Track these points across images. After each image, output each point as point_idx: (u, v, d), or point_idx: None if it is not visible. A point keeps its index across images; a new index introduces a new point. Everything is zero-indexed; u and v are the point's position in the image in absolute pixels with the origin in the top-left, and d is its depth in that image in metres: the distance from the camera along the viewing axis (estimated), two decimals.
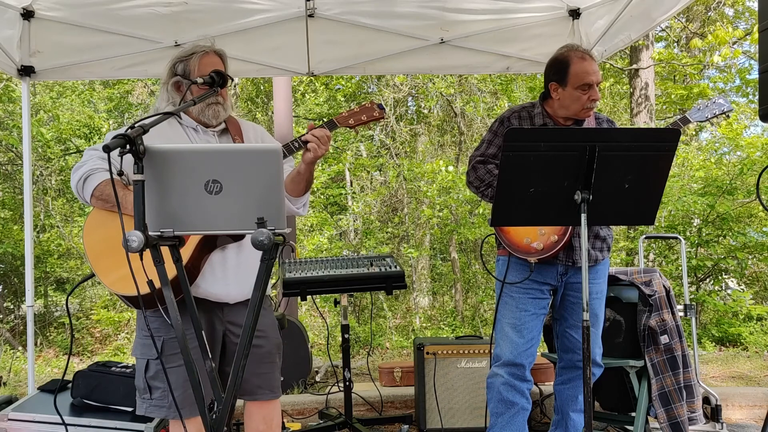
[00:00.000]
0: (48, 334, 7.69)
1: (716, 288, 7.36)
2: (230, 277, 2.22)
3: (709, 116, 2.71)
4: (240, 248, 2.22)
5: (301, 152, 2.27)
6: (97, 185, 2.15)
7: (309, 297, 3.65)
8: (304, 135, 2.22)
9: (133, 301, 2.14)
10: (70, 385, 3.17)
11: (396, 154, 10.12)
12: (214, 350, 2.26)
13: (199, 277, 2.20)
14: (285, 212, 1.69)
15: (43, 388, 3.31)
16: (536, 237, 2.66)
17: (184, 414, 2.05)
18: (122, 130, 1.70)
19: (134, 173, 1.60)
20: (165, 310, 1.85)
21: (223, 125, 2.36)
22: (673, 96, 10.62)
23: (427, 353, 3.68)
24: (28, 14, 3.66)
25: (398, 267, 3.60)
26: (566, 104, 2.66)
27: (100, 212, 2.21)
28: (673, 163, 2.33)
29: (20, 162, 7.45)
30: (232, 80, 2.39)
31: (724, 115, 2.73)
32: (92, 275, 2.17)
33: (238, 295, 2.24)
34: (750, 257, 7.46)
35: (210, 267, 2.20)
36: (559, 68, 2.64)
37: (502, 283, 2.76)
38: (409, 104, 10.55)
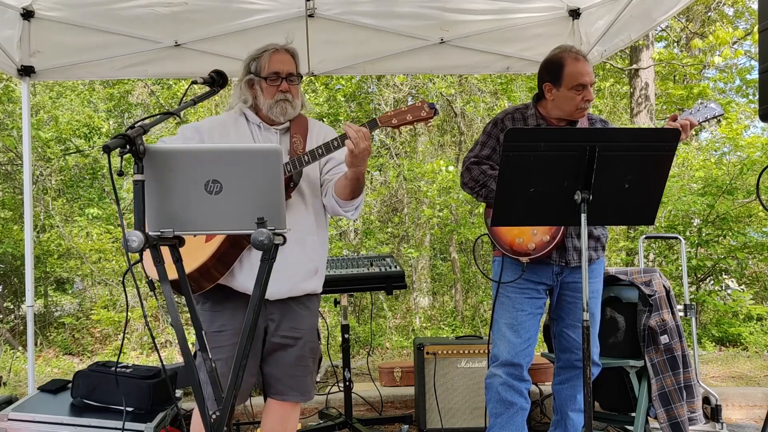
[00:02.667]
0: (48, 334, 7.68)
1: (716, 288, 7.36)
2: None
3: (701, 120, 2.71)
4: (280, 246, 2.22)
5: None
6: None
7: None
8: (339, 137, 2.20)
9: (174, 286, 2.14)
10: (70, 385, 3.17)
11: (396, 154, 10.11)
12: (255, 347, 2.26)
13: (237, 270, 2.21)
14: (285, 212, 1.69)
15: (43, 388, 3.31)
16: (529, 237, 2.66)
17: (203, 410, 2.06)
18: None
19: (134, 173, 1.60)
20: (200, 295, 1.85)
21: (287, 123, 2.35)
22: (673, 96, 10.61)
23: (427, 353, 3.68)
24: (28, 14, 3.66)
25: (398, 267, 3.60)
26: (560, 105, 2.66)
27: None
28: (673, 163, 2.34)
29: (20, 162, 7.44)
30: (301, 78, 2.39)
31: (715, 119, 2.73)
32: (139, 260, 2.18)
33: (276, 292, 2.22)
34: (750, 257, 7.46)
35: (249, 261, 2.21)
36: (553, 69, 2.65)
37: (498, 283, 2.76)
38: (409, 104, 10.53)
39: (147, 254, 1.61)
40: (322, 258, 2.42)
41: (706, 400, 3.61)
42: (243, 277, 2.21)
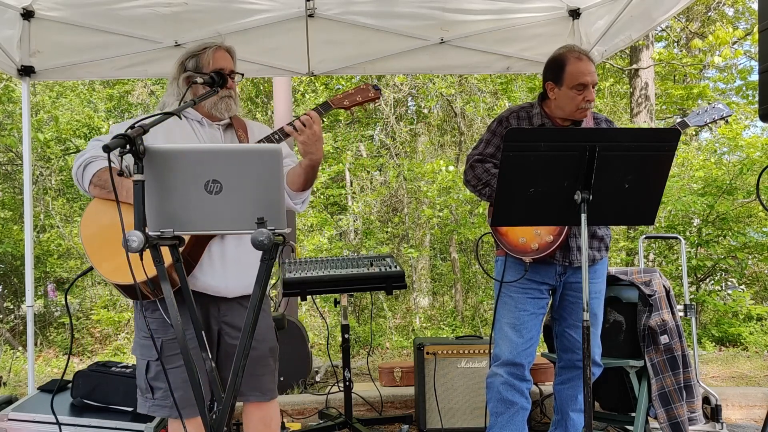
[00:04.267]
0: (48, 334, 7.68)
1: (717, 288, 7.36)
2: (229, 270, 2.20)
3: (708, 121, 2.71)
4: (240, 241, 2.20)
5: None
6: (95, 172, 2.17)
7: (309, 297, 3.65)
8: (293, 122, 2.19)
9: (128, 291, 2.14)
10: (70, 385, 3.17)
11: (396, 154, 10.12)
12: (209, 351, 2.26)
13: (197, 269, 2.19)
14: (285, 212, 1.69)
15: (43, 388, 3.31)
16: (532, 237, 2.66)
17: (184, 414, 2.05)
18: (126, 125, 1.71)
19: (134, 173, 1.60)
20: (161, 301, 1.83)
21: (228, 120, 2.36)
22: (673, 96, 10.61)
23: (427, 353, 3.68)
24: (28, 14, 3.66)
25: (398, 267, 3.60)
26: (561, 104, 2.66)
27: (98, 203, 2.22)
28: (673, 163, 2.34)
29: (20, 162, 7.45)
30: (242, 76, 2.41)
31: (722, 120, 2.73)
32: (91, 268, 2.18)
33: (237, 289, 2.22)
34: (750, 257, 7.46)
35: (209, 259, 2.20)
36: (555, 68, 2.65)
37: (500, 283, 2.76)
38: (409, 104, 10.55)
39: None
40: None
41: (706, 400, 3.61)
42: (204, 275, 2.20)
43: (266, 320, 2.37)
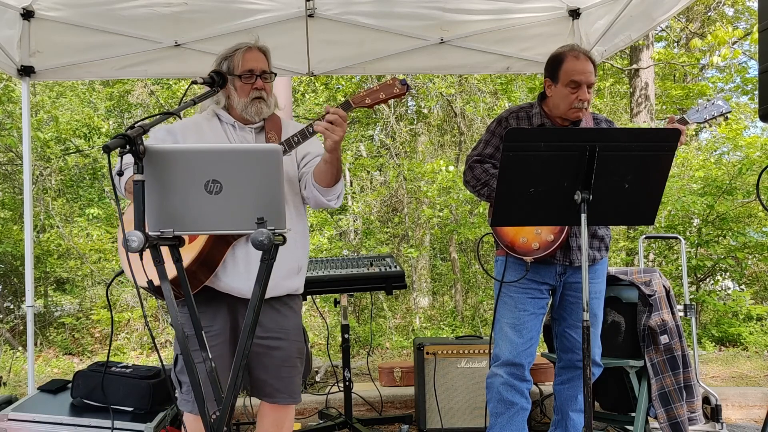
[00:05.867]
0: (48, 334, 7.68)
1: (717, 288, 7.36)
2: (253, 272, 2.18)
3: (708, 117, 2.70)
4: None
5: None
6: (128, 179, 2.17)
7: (309, 297, 3.65)
8: (313, 123, 2.19)
9: (154, 291, 2.14)
10: (69, 385, 3.17)
11: (396, 154, 10.12)
12: (231, 352, 2.25)
13: (221, 270, 2.19)
14: (285, 212, 1.69)
15: (43, 388, 3.31)
16: (533, 237, 2.66)
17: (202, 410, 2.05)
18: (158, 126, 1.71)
19: (134, 173, 1.60)
20: (182, 302, 1.82)
21: (261, 123, 2.35)
22: (673, 96, 10.61)
23: (427, 353, 3.68)
24: (28, 14, 3.66)
25: (398, 267, 3.60)
26: (556, 102, 2.67)
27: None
28: (673, 163, 2.33)
29: (20, 162, 7.45)
30: (275, 75, 2.38)
31: (722, 117, 2.73)
32: (122, 271, 2.19)
33: None
34: (750, 257, 7.47)
35: (233, 261, 2.20)
36: (552, 65, 2.66)
37: (501, 283, 2.76)
38: (409, 104, 10.55)
39: (132, 259, 1.60)
40: (304, 256, 2.41)
41: (706, 400, 3.61)
42: (228, 277, 2.19)
43: (295, 320, 2.35)
